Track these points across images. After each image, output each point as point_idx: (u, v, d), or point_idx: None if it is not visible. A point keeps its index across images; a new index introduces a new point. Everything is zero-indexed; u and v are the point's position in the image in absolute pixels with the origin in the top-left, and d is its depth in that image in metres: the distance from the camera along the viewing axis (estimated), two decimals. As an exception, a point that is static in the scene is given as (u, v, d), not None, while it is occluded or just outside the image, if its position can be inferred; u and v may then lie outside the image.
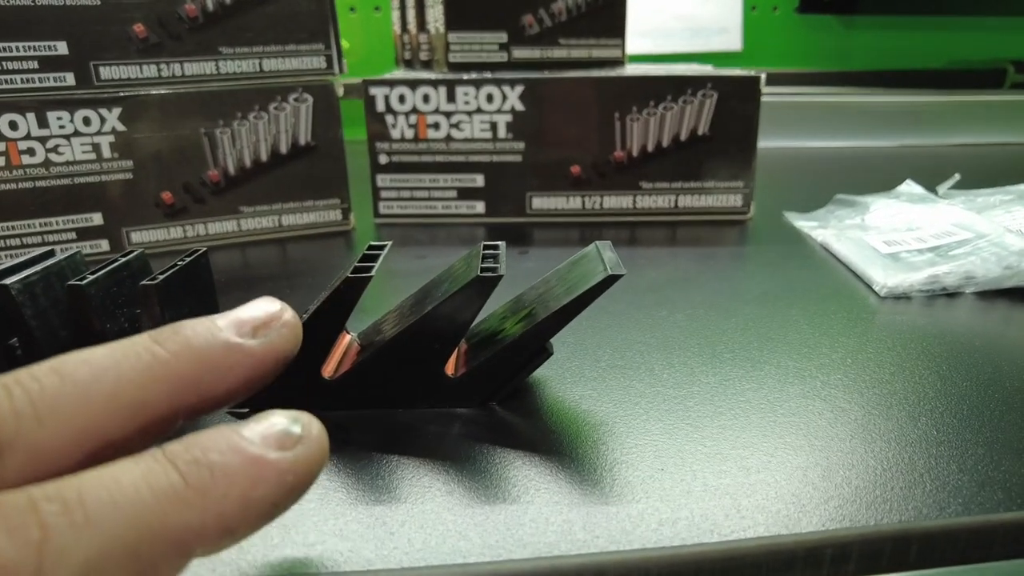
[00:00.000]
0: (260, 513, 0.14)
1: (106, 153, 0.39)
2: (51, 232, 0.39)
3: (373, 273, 0.22)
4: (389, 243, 0.24)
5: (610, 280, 0.21)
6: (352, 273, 0.22)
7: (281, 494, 0.14)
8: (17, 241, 0.39)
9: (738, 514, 0.18)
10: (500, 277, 0.22)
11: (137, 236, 0.41)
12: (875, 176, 0.56)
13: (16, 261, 0.24)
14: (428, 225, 0.47)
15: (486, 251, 0.24)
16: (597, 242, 0.24)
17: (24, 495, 0.12)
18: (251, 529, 0.14)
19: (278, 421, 0.14)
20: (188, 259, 0.24)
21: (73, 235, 0.40)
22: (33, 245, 0.39)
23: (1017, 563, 0.19)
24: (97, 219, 0.40)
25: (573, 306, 0.22)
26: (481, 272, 0.22)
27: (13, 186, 0.38)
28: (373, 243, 0.24)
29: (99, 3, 0.37)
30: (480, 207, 0.47)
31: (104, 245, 0.40)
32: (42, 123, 0.38)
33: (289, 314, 0.17)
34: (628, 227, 0.46)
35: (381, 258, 0.23)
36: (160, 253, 0.41)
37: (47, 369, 0.14)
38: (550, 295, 0.23)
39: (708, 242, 0.43)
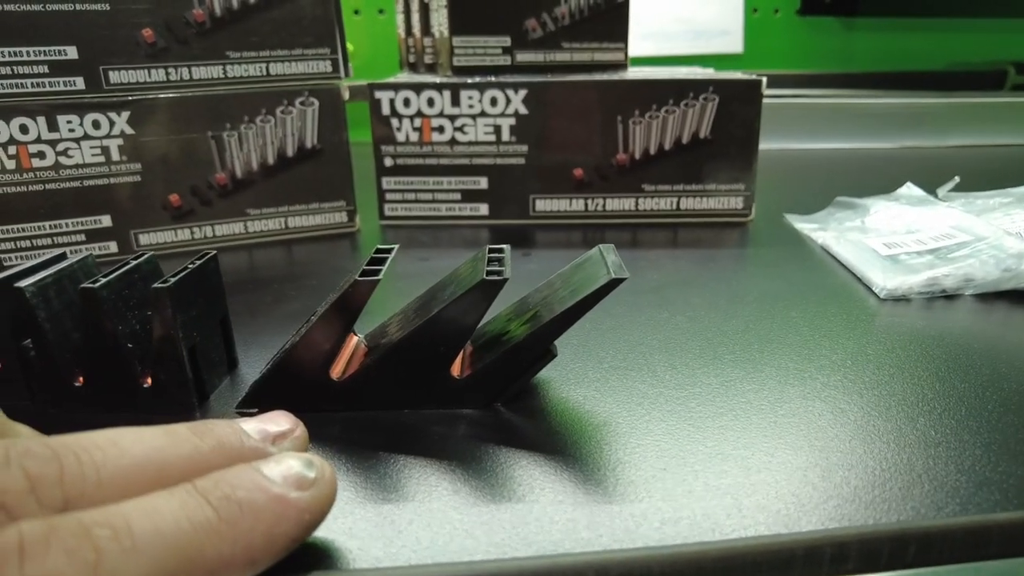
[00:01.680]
0: (281, 547, 0.15)
1: (115, 156, 0.40)
2: (61, 234, 0.40)
3: (381, 276, 0.22)
4: (396, 246, 0.25)
5: (613, 284, 0.22)
6: (360, 276, 0.22)
7: (300, 530, 0.16)
8: (28, 243, 0.39)
9: (739, 513, 0.19)
10: (505, 280, 0.22)
11: (145, 238, 0.42)
12: (875, 178, 0.57)
13: (29, 264, 0.24)
14: (432, 227, 0.47)
15: (491, 254, 0.24)
16: (600, 246, 0.25)
17: (75, 520, 0.13)
18: (272, 561, 0.15)
19: (295, 464, 0.16)
20: (198, 262, 0.25)
21: (82, 237, 0.40)
22: (43, 247, 0.39)
23: (1014, 562, 0.19)
24: (106, 221, 0.40)
25: (577, 309, 0.22)
26: (487, 275, 0.22)
27: (24, 189, 0.38)
28: (380, 246, 0.25)
29: (108, 8, 0.38)
30: (484, 209, 0.47)
31: (113, 247, 0.41)
32: (52, 127, 0.38)
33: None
34: (630, 229, 0.47)
35: (389, 261, 0.24)
36: (168, 255, 0.42)
37: (108, 441, 0.16)
38: (554, 298, 0.24)
39: (709, 244, 0.43)
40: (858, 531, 0.18)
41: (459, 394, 0.24)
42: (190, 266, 0.24)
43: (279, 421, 0.19)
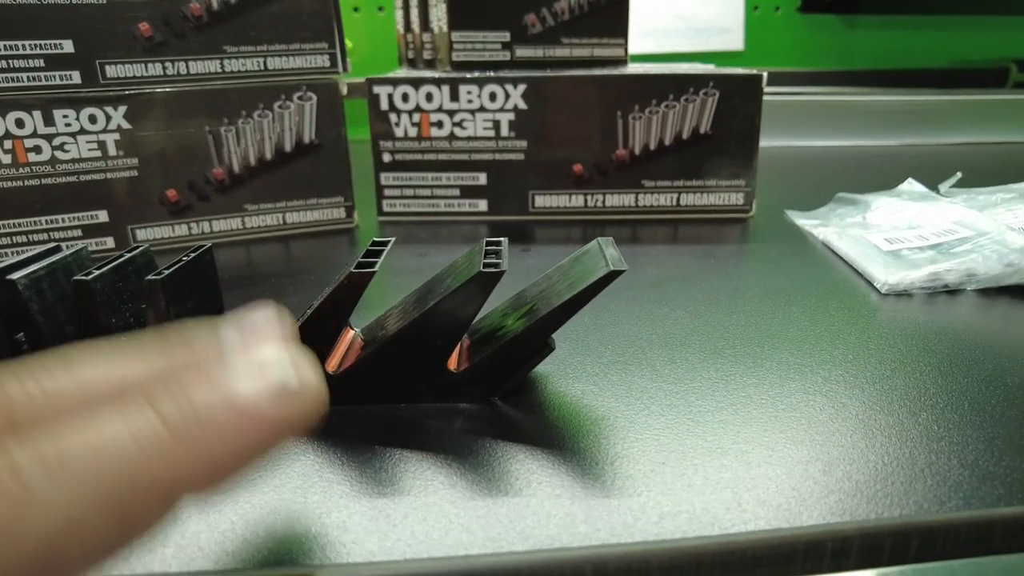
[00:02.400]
0: (250, 463, 0.13)
1: (111, 151, 0.40)
2: (57, 229, 0.39)
3: (376, 269, 0.22)
4: (392, 240, 0.24)
5: (611, 276, 0.22)
6: (355, 269, 0.22)
7: (273, 446, 0.14)
8: (24, 238, 0.39)
9: (739, 508, 0.19)
10: (502, 273, 0.22)
11: (142, 233, 0.41)
12: (877, 175, 0.56)
13: (22, 257, 0.24)
14: (431, 223, 0.47)
15: (488, 247, 0.24)
16: (599, 238, 0.24)
17: (1, 452, 0.12)
18: (240, 476, 0.13)
19: (273, 372, 0.14)
20: (193, 255, 0.24)
21: (79, 232, 0.40)
22: (40, 242, 0.39)
23: (1017, 557, 0.19)
24: (103, 216, 0.40)
25: (575, 302, 0.22)
26: (483, 268, 0.22)
27: (20, 183, 0.38)
28: (376, 239, 0.24)
29: (104, 2, 0.38)
30: (483, 205, 0.47)
31: (110, 242, 0.41)
32: (48, 121, 0.38)
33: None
34: (630, 225, 0.46)
35: (384, 254, 0.23)
36: (165, 250, 0.41)
37: (57, 361, 0.14)
38: (552, 291, 0.23)
39: (710, 240, 0.43)
40: (860, 525, 0.18)
41: (456, 388, 0.24)
42: (184, 259, 0.24)
43: (265, 324, 0.15)
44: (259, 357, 0.14)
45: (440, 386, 0.24)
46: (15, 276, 0.22)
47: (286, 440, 0.14)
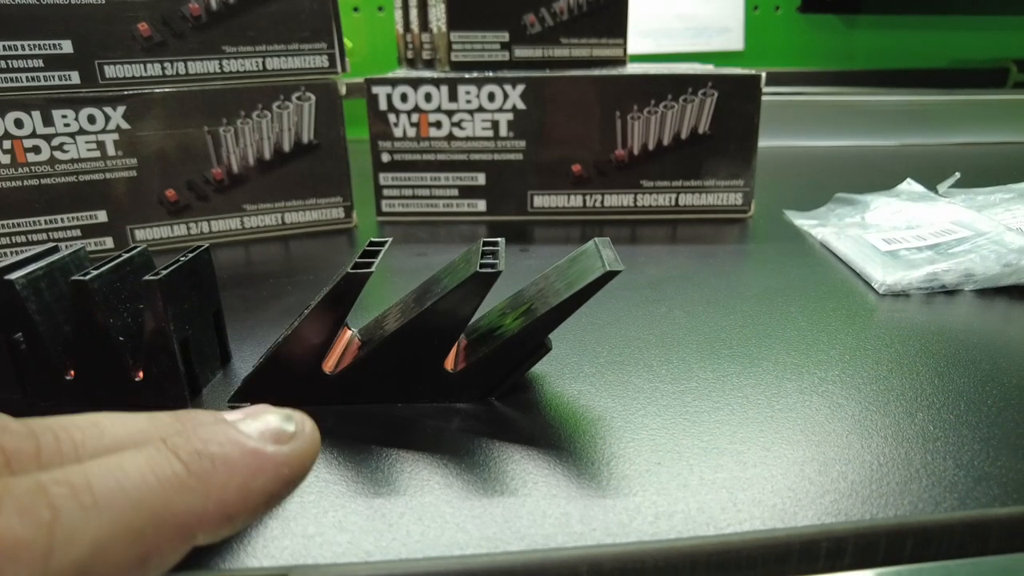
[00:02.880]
0: (259, 503, 0.15)
1: (111, 151, 0.40)
2: (56, 229, 0.39)
3: (373, 269, 0.22)
4: (389, 240, 0.25)
5: (608, 276, 0.22)
6: (352, 269, 0.22)
7: (278, 485, 0.15)
8: (23, 238, 0.39)
9: (734, 508, 0.19)
10: (499, 273, 0.22)
11: (141, 233, 0.41)
12: (876, 175, 0.56)
13: (20, 257, 0.24)
14: (430, 223, 0.47)
15: (486, 247, 0.24)
16: (596, 239, 0.24)
17: (32, 479, 0.12)
18: (250, 517, 0.14)
19: (272, 418, 0.15)
20: (190, 255, 0.25)
21: (78, 232, 0.40)
22: (39, 242, 0.39)
23: (1013, 558, 0.19)
24: (102, 216, 0.40)
25: (571, 302, 0.22)
26: (480, 268, 0.22)
27: (19, 184, 0.38)
28: (374, 239, 0.24)
29: (103, 2, 0.38)
30: (481, 205, 0.47)
31: (109, 242, 0.41)
32: (47, 121, 0.38)
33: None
34: (629, 225, 0.46)
35: (381, 254, 0.23)
36: (164, 250, 0.41)
37: (88, 422, 0.15)
38: (550, 291, 0.23)
39: (708, 240, 0.43)
40: (854, 526, 0.18)
41: (453, 388, 0.24)
42: (182, 259, 0.24)
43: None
44: (259, 410, 0.16)
45: (437, 386, 0.24)
46: (12, 276, 0.22)
47: (288, 484, 0.15)
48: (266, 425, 0.15)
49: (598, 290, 0.22)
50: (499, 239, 0.24)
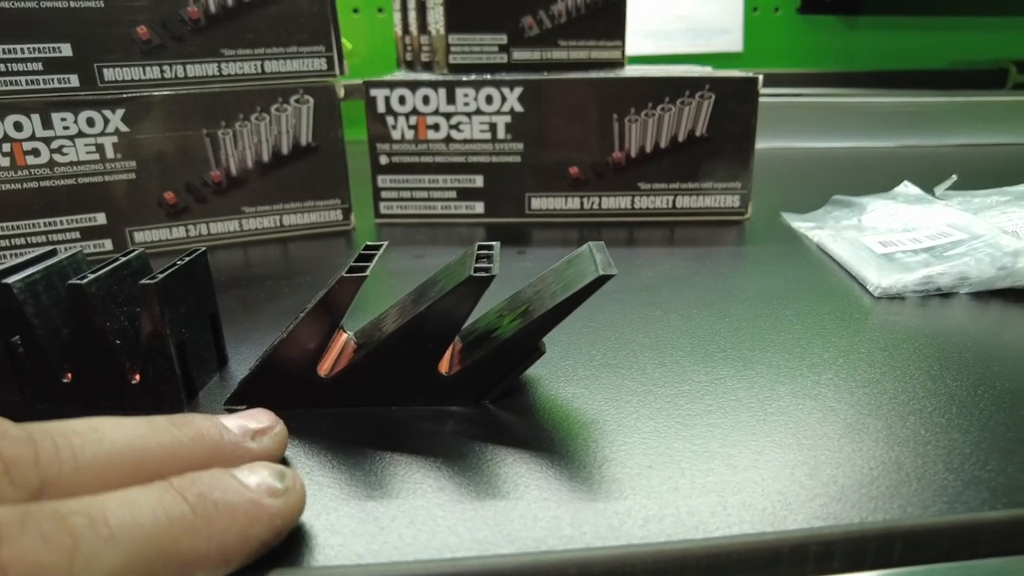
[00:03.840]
0: (253, 549, 0.16)
1: (109, 154, 0.40)
2: (55, 232, 0.40)
3: (368, 273, 0.22)
4: (385, 243, 0.25)
5: (601, 280, 0.22)
6: (347, 272, 0.22)
7: (271, 534, 0.16)
8: (22, 241, 0.39)
9: (724, 511, 0.19)
10: (492, 277, 0.22)
11: (140, 236, 0.42)
12: (874, 177, 0.56)
13: (18, 260, 0.24)
14: (428, 225, 0.47)
15: (480, 251, 0.24)
16: (590, 243, 0.24)
17: (51, 507, 0.13)
18: (243, 562, 0.16)
19: (267, 474, 0.17)
20: (187, 258, 0.25)
21: (77, 235, 0.40)
22: (38, 245, 0.39)
23: (1001, 561, 0.19)
24: (101, 219, 0.41)
25: (565, 306, 0.22)
26: (474, 272, 0.22)
27: (18, 186, 0.38)
28: (369, 243, 0.24)
29: (103, 5, 0.38)
30: (479, 207, 0.47)
31: (108, 245, 0.41)
32: (47, 124, 0.38)
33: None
34: (626, 227, 0.46)
35: (376, 258, 0.23)
36: (163, 253, 0.42)
37: (86, 427, 0.16)
38: (547, 293, 0.24)
39: (705, 242, 0.43)
40: (844, 529, 0.18)
41: (448, 391, 0.24)
42: (179, 263, 0.24)
43: (259, 418, 0.20)
44: (255, 465, 0.17)
45: (431, 389, 0.24)
46: (10, 280, 0.22)
47: (280, 535, 0.17)
48: (262, 479, 0.17)
49: (591, 294, 0.22)
50: (494, 243, 0.25)
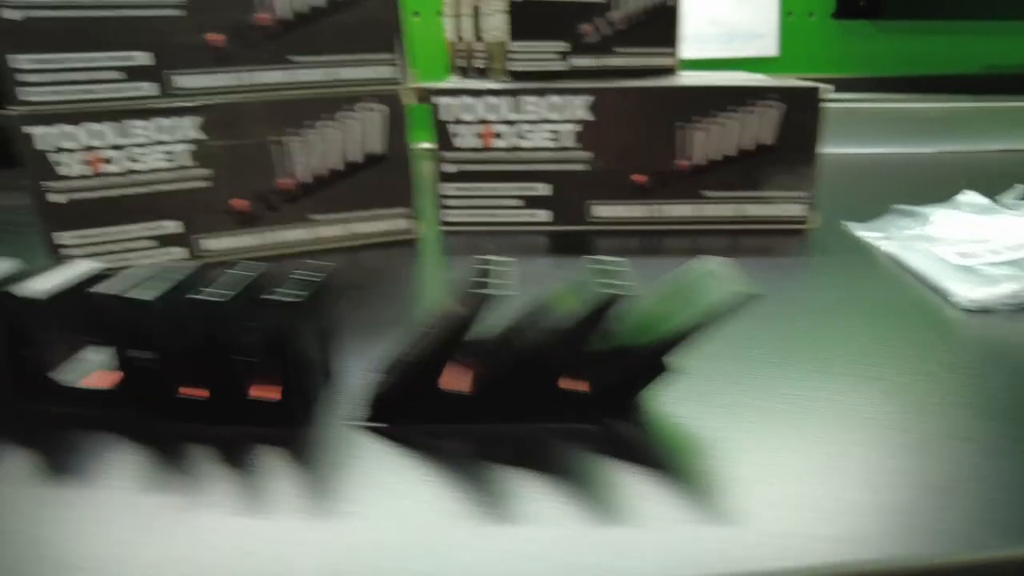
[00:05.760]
0: None
1: (183, 161, 0.40)
2: (130, 240, 0.40)
3: (498, 292, 0.22)
4: (506, 259, 0.25)
5: (744, 301, 0.22)
6: (485, 291, 0.22)
7: None
8: (99, 248, 0.39)
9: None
10: (621, 297, 0.22)
11: (212, 244, 0.42)
12: (921, 183, 0.57)
13: (143, 274, 0.24)
14: (491, 233, 0.47)
15: (601, 267, 0.24)
16: (712, 261, 0.24)
17: None
18: None
19: None
20: (319, 277, 0.25)
21: (152, 243, 0.40)
22: (113, 252, 0.39)
23: None
24: (174, 227, 0.40)
25: (701, 326, 0.22)
26: (604, 291, 0.22)
27: (94, 194, 0.38)
28: (483, 257, 0.24)
29: (178, 14, 0.38)
30: (543, 215, 0.47)
31: (181, 253, 0.41)
32: (122, 132, 0.38)
33: None
34: (689, 236, 0.46)
35: (505, 275, 0.23)
36: (233, 261, 0.41)
37: None
38: (673, 313, 0.23)
39: (771, 252, 0.43)
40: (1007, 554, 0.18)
41: (574, 408, 0.24)
42: (315, 280, 0.24)
43: None
44: None
45: (556, 406, 0.24)
46: (149, 297, 0.22)
47: None
48: None
49: (731, 315, 0.22)
50: (620, 259, 0.24)
